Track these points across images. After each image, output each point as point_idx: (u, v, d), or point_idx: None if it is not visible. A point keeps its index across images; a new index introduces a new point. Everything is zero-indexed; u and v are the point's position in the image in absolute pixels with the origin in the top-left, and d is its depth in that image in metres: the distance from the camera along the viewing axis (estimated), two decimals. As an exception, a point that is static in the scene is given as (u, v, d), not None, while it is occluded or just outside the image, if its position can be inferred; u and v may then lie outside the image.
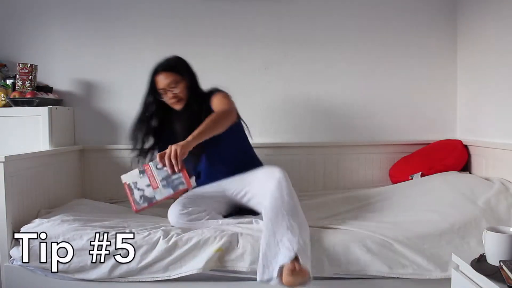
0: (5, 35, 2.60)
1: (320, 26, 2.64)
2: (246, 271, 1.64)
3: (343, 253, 1.63)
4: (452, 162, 2.37)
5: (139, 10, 2.62)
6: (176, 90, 1.97)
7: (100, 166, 2.60)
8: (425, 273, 1.60)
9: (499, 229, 1.31)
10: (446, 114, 2.67)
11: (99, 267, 1.67)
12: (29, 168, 1.96)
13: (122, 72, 2.63)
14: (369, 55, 2.65)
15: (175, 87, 1.96)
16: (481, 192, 1.93)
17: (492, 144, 2.21)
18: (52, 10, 2.60)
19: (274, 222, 1.60)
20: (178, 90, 1.97)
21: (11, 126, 2.28)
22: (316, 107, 2.65)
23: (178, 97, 1.97)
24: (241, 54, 2.62)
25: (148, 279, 1.66)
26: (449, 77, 2.66)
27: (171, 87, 1.96)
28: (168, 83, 1.95)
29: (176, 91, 1.97)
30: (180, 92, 1.97)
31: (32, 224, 1.79)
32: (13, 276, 1.73)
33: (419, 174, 2.34)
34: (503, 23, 2.16)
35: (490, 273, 1.22)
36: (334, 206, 2.19)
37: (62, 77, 2.61)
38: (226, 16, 2.62)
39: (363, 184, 2.63)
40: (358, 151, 2.64)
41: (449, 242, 1.66)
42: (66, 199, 2.28)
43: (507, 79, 2.13)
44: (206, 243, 1.66)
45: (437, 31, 2.64)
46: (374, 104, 2.66)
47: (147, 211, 1.86)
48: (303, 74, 2.65)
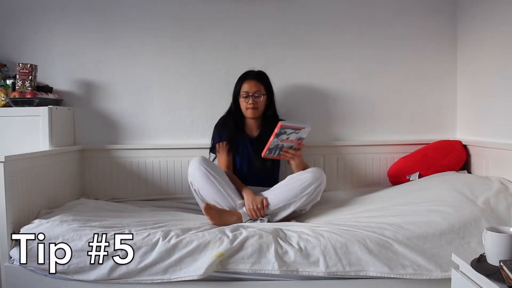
0: (5, 35, 2.60)
1: (320, 26, 2.64)
2: (248, 273, 1.64)
3: (343, 253, 1.64)
4: (450, 162, 2.37)
5: (139, 11, 2.62)
6: (258, 99, 2.24)
7: (100, 166, 2.60)
8: (426, 273, 1.60)
9: (499, 229, 1.31)
10: (446, 114, 2.67)
11: (98, 268, 1.67)
12: (29, 168, 1.96)
13: (122, 72, 2.63)
14: (368, 55, 2.64)
15: (258, 97, 2.24)
16: (480, 192, 1.93)
17: (492, 144, 2.21)
18: (52, 10, 2.60)
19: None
20: (260, 100, 2.25)
21: (11, 126, 2.28)
22: (315, 107, 2.65)
23: (256, 106, 2.24)
24: (241, 54, 2.62)
25: (147, 281, 1.66)
26: (449, 77, 2.66)
27: (255, 95, 2.23)
28: (255, 90, 2.24)
29: (257, 100, 2.24)
30: (260, 103, 2.25)
31: (31, 225, 1.79)
32: (13, 276, 1.73)
33: (416, 174, 2.35)
34: (503, 23, 2.16)
35: (490, 273, 1.22)
36: (334, 206, 2.20)
37: (62, 77, 2.61)
38: (226, 17, 2.62)
39: (363, 184, 2.64)
40: (357, 151, 2.64)
41: (449, 242, 1.66)
42: (66, 199, 2.28)
43: (507, 79, 2.13)
44: (206, 247, 1.66)
45: (437, 31, 2.64)
46: (374, 104, 2.66)
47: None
48: (303, 74, 2.65)
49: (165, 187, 2.62)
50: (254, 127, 2.34)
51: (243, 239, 1.67)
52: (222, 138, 2.29)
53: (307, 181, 2.01)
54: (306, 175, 2.04)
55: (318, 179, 2.03)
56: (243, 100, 2.25)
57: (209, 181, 2.01)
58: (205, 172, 2.01)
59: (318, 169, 2.09)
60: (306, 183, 2.01)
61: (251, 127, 2.35)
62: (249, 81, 2.25)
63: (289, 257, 1.64)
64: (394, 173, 2.52)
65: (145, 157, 2.61)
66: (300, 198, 1.99)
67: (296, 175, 2.08)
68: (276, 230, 1.75)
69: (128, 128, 2.65)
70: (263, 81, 2.29)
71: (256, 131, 2.34)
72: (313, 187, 2.01)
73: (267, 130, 2.18)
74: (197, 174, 2.02)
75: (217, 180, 2.02)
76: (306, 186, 2.01)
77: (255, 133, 2.33)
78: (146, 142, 2.65)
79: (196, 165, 2.03)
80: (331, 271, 1.62)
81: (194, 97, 2.65)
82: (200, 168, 2.01)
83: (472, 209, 1.80)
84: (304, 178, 2.03)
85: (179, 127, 2.65)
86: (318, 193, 2.04)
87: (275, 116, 2.35)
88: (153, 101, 2.65)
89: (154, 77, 2.64)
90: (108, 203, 2.33)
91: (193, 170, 2.04)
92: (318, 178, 2.03)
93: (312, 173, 2.04)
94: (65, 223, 1.78)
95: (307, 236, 1.69)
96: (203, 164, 2.02)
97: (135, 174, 2.61)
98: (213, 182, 2.01)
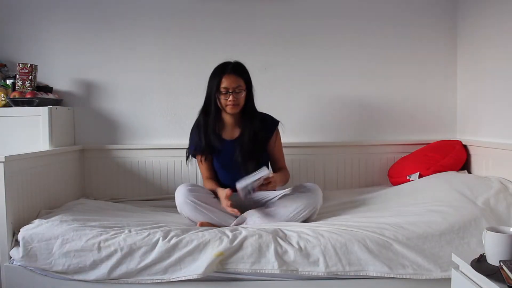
0: (5, 35, 2.60)
1: (320, 26, 2.64)
2: (248, 272, 1.64)
3: (343, 253, 1.64)
4: (450, 162, 2.37)
5: (139, 11, 2.62)
6: (239, 95, 2.02)
7: (100, 166, 2.60)
8: (425, 273, 1.60)
9: (499, 229, 1.31)
10: (445, 114, 2.67)
11: (98, 268, 1.67)
12: (29, 168, 1.96)
13: (122, 72, 2.63)
14: (369, 55, 2.65)
15: (239, 92, 2.02)
16: (480, 192, 1.93)
17: (491, 144, 2.21)
18: (52, 10, 2.60)
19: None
20: (241, 96, 2.03)
21: (11, 126, 2.29)
22: (315, 107, 2.66)
23: (238, 102, 2.02)
24: (241, 54, 2.61)
25: (147, 281, 1.66)
26: (449, 77, 2.66)
27: (236, 91, 2.01)
28: (236, 86, 2.01)
29: (239, 96, 2.02)
30: (241, 99, 2.03)
31: (31, 224, 1.79)
32: (13, 276, 1.73)
33: (417, 174, 2.35)
34: (503, 23, 2.16)
35: (490, 273, 1.22)
36: (334, 206, 2.20)
37: (62, 77, 2.61)
38: (226, 17, 2.63)
39: (363, 184, 2.64)
40: (357, 151, 2.64)
41: (449, 242, 1.66)
42: (66, 199, 2.28)
43: (507, 79, 2.14)
44: (206, 246, 1.66)
45: (437, 31, 2.64)
46: (374, 104, 2.66)
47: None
48: (303, 74, 2.65)
49: (165, 187, 2.62)
50: (232, 125, 2.13)
51: (242, 238, 1.67)
52: (197, 150, 2.13)
53: (300, 207, 1.91)
54: (300, 202, 1.93)
55: (311, 205, 1.92)
56: (222, 97, 2.01)
57: (198, 211, 1.94)
58: (193, 205, 1.93)
59: (313, 192, 1.96)
60: (299, 209, 1.91)
61: (230, 125, 2.13)
62: (228, 76, 1.99)
63: (289, 257, 1.63)
64: (394, 173, 2.52)
65: (145, 157, 2.61)
66: (293, 222, 1.91)
67: (290, 200, 1.96)
68: (276, 229, 1.75)
69: (128, 128, 2.65)
70: (243, 74, 2.05)
71: (236, 130, 2.13)
72: (307, 212, 1.92)
73: (247, 130, 2.07)
74: (185, 207, 1.95)
75: (206, 209, 1.94)
76: (300, 211, 1.91)
77: (235, 133, 2.12)
78: (146, 142, 2.65)
79: (183, 199, 1.94)
80: (331, 271, 1.62)
81: (194, 97, 2.62)
82: (186, 202, 1.93)
83: (472, 209, 1.80)
84: (297, 206, 1.92)
85: (179, 127, 2.65)
86: (314, 213, 1.96)
87: (253, 109, 2.13)
88: (153, 101, 2.65)
89: (154, 77, 2.64)
90: (108, 203, 2.33)
91: (180, 204, 1.96)
92: (312, 203, 1.92)
93: (307, 199, 1.93)
94: (65, 223, 1.78)
95: (307, 236, 1.69)
96: (189, 197, 1.93)
97: (135, 174, 2.61)
98: (203, 211, 1.94)
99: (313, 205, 1.93)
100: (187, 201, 1.93)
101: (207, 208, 1.95)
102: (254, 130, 2.07)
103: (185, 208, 1.95)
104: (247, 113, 2.10)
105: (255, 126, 2.08)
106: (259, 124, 2.09)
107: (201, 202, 1.94)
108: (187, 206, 1.94)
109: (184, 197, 1.94)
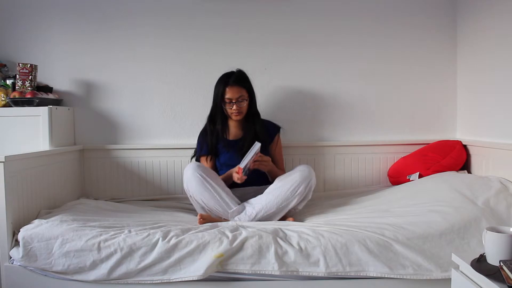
0: (5, 35, 2.60)
1: (320, 26, 2.64)
2: (248, 273, 1.64)
3: (343, 253, 1.63)
4: (450, 162, 2.37)
5: (139, 10, 2.62)
6: (242, 104, 2.22)
7: (100, 166, 2.60)
8: (426, 273, 1.60)
9: (499, 229, 1.31)
10: (446, 114, 2.67)
11: (98, 268, 1.67)
12: (29, 168, 1.96)
13: (122, 72, 2.63)
14: (368, 55, 2.64)
15: (242, 102, 2.21)
16: (480, 192, 1.93)
17: (492, 144, 2.21)
18: (52, 10, 2.60)
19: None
20: (243, 104, 2.23)
21: (11, 126, 2.29)
22: (315, 107, 2.65)
23: (241, 110, 2.22)
24: (241, 54, 2.62)
25: (147, 282, 1.66)
26: (449, 77, 2.66)
27: (239, 100, 2.20)
28: (239, 96, 2.20)
29: (241, 105, 2.22)
30: (243, 107, 2.23)
31: (31, 225, 1.79)
32: (13, 276, 1.73)
33: (416, 174, 2.35)
34: (503, 22, 2.16)
35: (490, 273, 1.22)
36: (334, 206, 2.20)
37: (62, 77, 2.61)
38: (226, 16, 2.62)
39: (363, 184, 2.64)
40: (357, 151, 2.64)
41: (449, 242, 1.66)
42: (66, 199, 2.29)
43: (507, 79, 2.13)
44: (206, 247, 1.66)
45: (437, 31, 2.64)
46: (374, 104, 2.66)
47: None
48: (303, 74, 2.65)
49: (165, 187, 2.62)
50: (236, 128, 2.32)
51: (242, 239, 1.67)
52: (203, 152, 2.31)
53: (296, 181, 2.00)
54: (295, 175, 2.03)
55: (306, 178, 2.01)
56: (227, 106, 2.22)
57: (204, 187, 1.99)
58: (200, 179, 1.99)
59: (306, 167, 2.07)
60: (296, 183, 1.99)
61: (234, 128, 2.32)
62: (231, 87, 2.19)
63: (289, 257, 1.63)
64: (394, 173, 2.53)
65: (145, 157, 2.61)
66: (291, 200, 1.99)
67: (285, 177, 2.06)
68: (276, 230, 1.75)
69: (128, 128, 2.65)
70: (245, 84, 2.25)
71: (239, 132, 2.32)
72: (303, 187, 2.00)
73: (249, 131, 2.25)
74: (193, 180, 2.00)
75: (212, 187, 2.00)
76: (296, 187, 1.99)
77: (239, 135, 2.32)
78: (146, 142, 2.65)
79: (191, 172, 2.01)
80: (331, 271, 1.62)
81: (194, 97, 2.65)
82: (195, 174, 2.00)
83: (472, 209, 1.80)
84: (293, 179, 2.01)
85: (179, 127, 2.65)
86: (309, 191, 2.04)
87: (257, 114, 2.34)
88: (153, 101, 2.65)
89: (154, 77, 2.64)
90: (108, 203, 2.33)
91: (189, 177, 2.02)
92: (307, 177, 2.01)
93: (300, 173, 2.03)
94: (65, 223, 1.78)
95: (307, 236, 1.69)
96: (198, 171, 2.00)
97: (135, 174, 2.61)
98: (208, 188, 1.99)
99: (308, 178, 2.01)
100: (196, 174, 1.99)
101: (213, 186, 2.00)
102: (255, 132, 2.25)
103: (192, 181, 2.00)
104: (250, 117, 2.29)
105: (257, 128, 2.25)
106: (261, 128, 2.27)
107: (208, 177, 2.01)
108: (195, 180, 1.99)
109: (192, 170, 2.01)
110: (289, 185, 2.00)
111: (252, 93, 2.29)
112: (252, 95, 2.29)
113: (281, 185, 2.02)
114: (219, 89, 2.22)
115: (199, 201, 2.02)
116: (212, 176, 2.05)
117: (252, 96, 2.30)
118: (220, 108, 2.24)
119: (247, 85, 2.26)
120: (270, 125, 2.38)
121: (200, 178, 1.99)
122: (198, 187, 2.00)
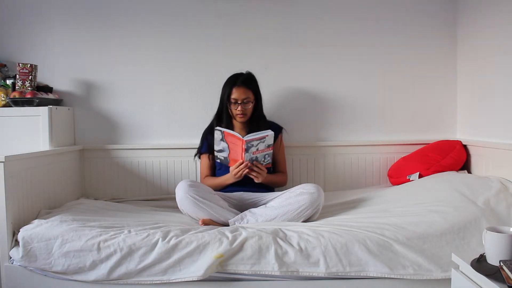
0: (5, 35, 2.60)
1: (320, 26, 2.64)
2: (248, 274, 1.64)
3: (343, 253, 1.63)
4: (450, 162, 2.37)
5: (139, 10, 2.62)
6: (247, 106, 2.23)
7: (100, 166, 2.60)
8: (426, 273, 1.60)
9: (499, 229, 1.31)
10: (446, 114, 2.67)
11: (98, 268, 1.67)
12: (29, 168, 1.96)
13: (122, 72, 2.63)
14: (368, 55, 2.65)
15: (247, 103, 2.22)
16: (480, 192, 1.93)
17: (492, 144, 2.21)
18: (52, 10, 2.60)
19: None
20: (248, 106, 2.24)
21: (11, 126, 2.29)
22: (315, 107, 2.66)
23: (246, 112, 2.23)
24: (241, 54, 2.62)
25: (147, 282, 1.65)
26: (449, 77, 2.66)
27: (244, 102, 2.21)
28: (244, 98, 2.21)
29: (247, 107, 2.23)
30: (248, 109, 2.24)
31: (31, 225, 1.79)
32: (13, 276, 1.73)
33: (416, 174, 2.34)
34: (503, 23, 2.16)
35: (490, 273, 1.22)
36: (334, 206, 2.20)
37: (62, 77, 2.61)
38: (226, 16, 2.62)
39: (363, 184, 2.64)
40: (357, 151, 2.64)
41: (449, 242, 1.66)
42: (66, 199, 2.29)
43: (507, 79, 2.13)
44: (206, 248, 1.65)
45: (437, 31, 2.64)
46: (374, 104, 2.66)
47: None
48: (303, 74, 2.65)
49: (165, 187, 2.62)
50: (241, 128, 2.32)
51: (242, 240, 1.67)
52: (204, 149, 2.34)
53: (305, 204, 1.92)
54: (304, 197, 1.94)
55: (315, 202, 1.93)
56: (232, 106, 2.23)
57: (198, 207, 1.96)
58: (193, 201, 1.95)
59: (316, 189, 1.97)
60: (304, 206, 1.92)
61: (238, 128, 2.32)
62: (238, 88, 2.20)
63: (289, 258, 1.63)
64: (394, 173, 2.52)
65: (145, 157, 2.61)
66: (296, 220, 1.93)
67: (294, 195, 1.97)
68: (276, 230, 1.75)
69: (128, 128, 2.65)
70: (252, 86, 2.25)
71: (243, 132, 2.25)
72: (310, 210, 1.93)
73: (252, 131, 2.17)
74: (186, 203, 1.97)
75: (207, 205, 1.96)
76: (304, 210, 1.92)
77: (242, 134, 2.25)
78: (146, 142, 2.65)
79: (183, 194, 1.97)
80: (331, 271, 1.62)
81: (194, 97, 2.65)
82: (187, 196, 1.96)
83: (472, 209, 1.79)
84: (301, 201, 1.93)
85: (179, 127, 2.65)
86: (316, 213, 1.97)
87: (262, 117, 2.34)
88: (153, 101, 2.65)
89: (154, 77, 2.64)
90: (108, 203, 2.33)
91: (181, 200, 1.98)
92: (315, 200, 1.93)
93: (310, 196, 1.93)
94: (65, 223, 1.78)
95: (307, 236, 1.69)
96: (189, 192, 1.96)
97: (135, 174, 2.61)
98: (203, 208, 1.95)
99: (317, 202, 1.94)
100: (188, 196, 1.96)
101: (207, 204, 1.96)
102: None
103: (185, 203, 1.97)
104: (255, 119, 2.29)
105: (261, 129, 2.18)
106: (264, 129, 2.20)
107: (201, 198, 1.97)
108: (188, 202, 1.96)
109: (184, 193, 1.97)
110: (296, 206, 1.93)
111: (258, 96, 2.29)
112: (258, 98, 2.29)
113: (288, 203, 1.95)
114: (226, 88, 2.24)
115: (195, 218, 2.00)
116: (205, 193, 2.00)
117: (259, 99, 2.30)
118: (226, 108, 2.26)
119: (254, 87, 2.26)
120: (273, 125, 2.37)
121: (193, 200, 1.95)
122: (192, 208, 1.97)
